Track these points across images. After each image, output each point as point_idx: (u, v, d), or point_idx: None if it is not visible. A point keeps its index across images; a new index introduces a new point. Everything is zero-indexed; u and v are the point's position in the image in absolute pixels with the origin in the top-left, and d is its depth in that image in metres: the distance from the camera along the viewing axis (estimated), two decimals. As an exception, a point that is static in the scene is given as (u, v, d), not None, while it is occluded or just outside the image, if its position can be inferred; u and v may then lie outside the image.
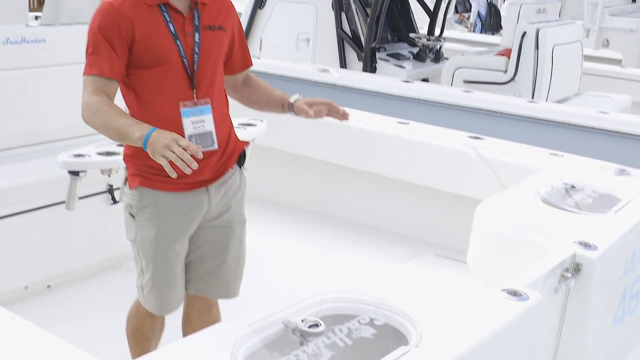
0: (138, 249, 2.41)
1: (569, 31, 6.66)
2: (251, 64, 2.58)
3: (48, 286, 3.40)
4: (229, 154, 2.43)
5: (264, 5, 7.21)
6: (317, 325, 1.58)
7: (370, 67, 6.56)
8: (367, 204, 4.31)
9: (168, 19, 2.27)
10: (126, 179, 2.39)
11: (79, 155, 3.09)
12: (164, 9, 2.27)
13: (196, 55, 2.30)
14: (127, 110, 2.32)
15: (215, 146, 2.30)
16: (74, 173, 3.08)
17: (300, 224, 4.25)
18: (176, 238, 2.36)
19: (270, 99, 2.57)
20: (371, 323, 1.66)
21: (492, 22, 11.39)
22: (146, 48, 2.23)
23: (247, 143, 2.58)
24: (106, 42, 2.20)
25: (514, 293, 1.85)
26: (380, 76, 6.29)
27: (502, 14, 11.58)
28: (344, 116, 2.52)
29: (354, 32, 6.77)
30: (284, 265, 3.72)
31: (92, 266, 3.54)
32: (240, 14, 7.21)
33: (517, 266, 2.25)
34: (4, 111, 3.52)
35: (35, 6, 11.10)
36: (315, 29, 6.94)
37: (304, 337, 1.56)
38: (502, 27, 10.84)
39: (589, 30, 10.09)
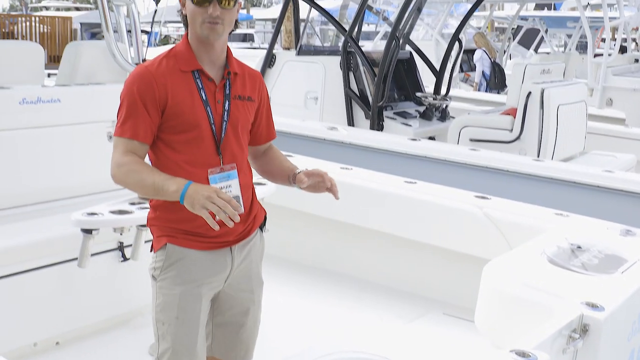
0: (159, 314, 2.37)
1: (574, 91, 6.76)
2: (274, 137, 2.65)
3: (57, 343, 3.40)
4: (253, 217, 2.48)
5: (274, 64, 7.36)
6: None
7: (377, 125, 6.66)
8: (374, 262, 4.32)
9: (200, 86, 2.33)
10: (152, 246, 2.41)
11: (92, 214, 3.13)
12: (197, 75, 2.34)
13: (224, 123, 2.35)
14: None
15: (241, 210, 2.32)
16: (87, 231, 3.12)
17: (307, 281, 4.26)
18: (200, 296, 2.36)
19: (281, 170, 2.63)
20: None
21: (496, 80, 11.55)
22: (178, 113, 2.29)
23: (265, 211, 2.63)
24: (142, 106, 2.26)
25: (522, 354, 1.86)
26: (388, 134, 6.36)
27: (505, 72, 11.75)
28: (330, 190, 2.56)
29: (362, 91, 6.88)
30: (290, 323, 3.71)
31: (101, 323, 3.54)
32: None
33: (525, 326, 2.27)
34: (20, 169, 3.58)
35: (46, 61, 11.32)
36: (323, 87, 7.07)
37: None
38: (506, 86, 10.99)
39: (593, 90, 10.19)
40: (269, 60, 7.42)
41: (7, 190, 3.55)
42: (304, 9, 7.88)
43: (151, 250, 2.41)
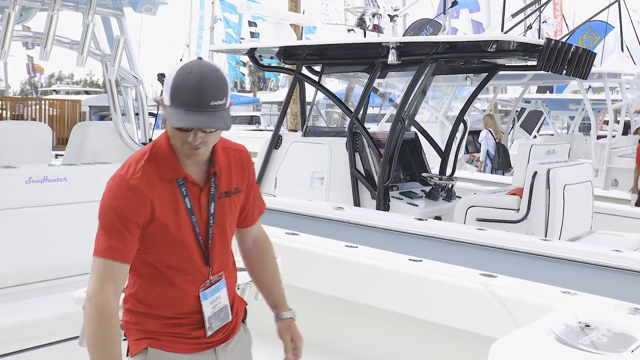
0: None
1: (579, 171, 6.80)
2: (264, 208, 2.52)
3: None
4: (235, 312, 2.40)
5: (280, 145, 7.45)
6: None
7: (383, 205, 6.67)
8: (379, 340, 4.25)
9: (185, 193, 2.17)
10: (128, 350, 2.25)
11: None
12: (181, 182, 2.17)
13: (210, 229, 2.22)
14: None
15: (230, 318, 2.30)
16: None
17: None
18: None
19: (268, 291, 2.56)
20: None
21: (500, 161, 11.64)
22: (164, 233, 2.14)
23: (246, 303, 2.56)
24: (124, 224, 2.08)
25: None
26: (394, 214, 6.37)
27: (510, 153, 11.85)
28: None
29: (368, 171, 6.93)
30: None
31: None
32: (256, 153, 7.46)
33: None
34: (24, 246, 3.60)
35: (54, 143, 11.50)
36: (329, 168, 7.12)
37: None
38: (510, 167, 11.07)
39: (598, 171, 10.27)
40: (275, 141, 7.50)
41: (11, 268, 3.56)
42: (310, 91, 8.03)
43: (127, 354, 2.23)
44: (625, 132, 12.64)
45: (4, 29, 3.54)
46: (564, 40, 7.32)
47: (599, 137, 11.52)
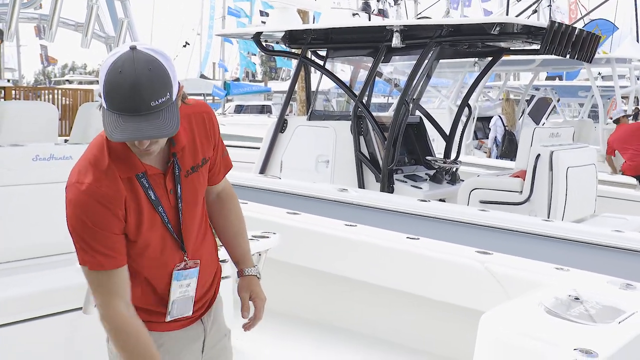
0: None
1: (583, 154, 6.81)
2: (231, 167, 2.36)
3: None
4: (217, 281, 2.39)
5: (285, 129, 7.51)
6: None
7: (388, 187, 6.73)
8: (376, 317, 4.33)
9: (147, 185, 2.03)
10: None
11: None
12: (140, 176, 2.02)
13: (180, 212, 2.11)
14: None
15: (190, 313, 2.21)
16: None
17: (309, 336, 4.27)
18: None
19: (231, 246, 2.45)
20: None
21: (504, 148, 11.59)
22: (132, 230, 2.03)
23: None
24: (101, 232, 1.96)
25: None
26: (398, 196, 6.43)
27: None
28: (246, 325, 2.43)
29: (372, 154, 6.99)
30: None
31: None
32: (261, 138, 7.54)
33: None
34: (32, 222, 3.68)
35: (67, 132, 11.64)
36: (334, 151, 7.19)
37: None
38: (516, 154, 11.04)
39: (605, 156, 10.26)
40: (281, 125, 7.57)
41: (19, 243, 3.65)
42: (315, 77, 8.10)
43: None
44: (635, 118, 12.61)
45: (10, 10, 3.62)
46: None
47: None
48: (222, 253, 3.36)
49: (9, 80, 33.68)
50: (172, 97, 1.86)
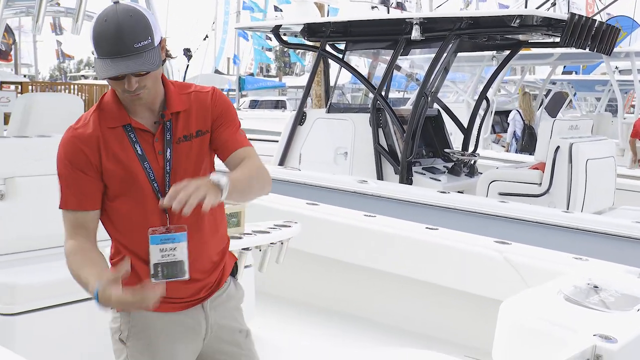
0: None
1: (602, 147, 6.81)
2: (246, 145, 2.27)
3: None
4: (222, 267, 2.34)
5: (304, 121, 7.56)
6: None
7: (406, 179, 6.76)
8: (395, 306, 4.36)
9: (134, 139, 2.13)
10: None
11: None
12: (129, 128, 2.14)
13: (167, 176, 2.15)
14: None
15: (186, 277, 2.11)
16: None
17: (330, 325, 4.31)
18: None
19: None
20: None
21: (524, 143, 11.53)
22: (111, 175, 2.12)
23: (236, 258, 2.48)
24: (80, 172, 2.10)
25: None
26: (418, 187, 6.46)
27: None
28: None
29: (391, 146, 7.02)
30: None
31: None
32: (277, 132, 7.59)
33: (540, 358, 2.31)
34: (58, 211, 3.75)
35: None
36: (353, 143, 7.23)
37: None
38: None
39: (624, 150, 10.23)
40: (300, 117, 7.62)
41: (44, 231, 3.73)
42: (334, 69, 8.14)
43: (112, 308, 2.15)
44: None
45: (38, 4, 3.69)
46: None
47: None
48: (243, 242, 3.44)
49: (25, 76, 34.03)
50: (154, 42, 2.04)
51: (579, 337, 2.29)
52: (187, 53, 13.91)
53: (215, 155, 2.29)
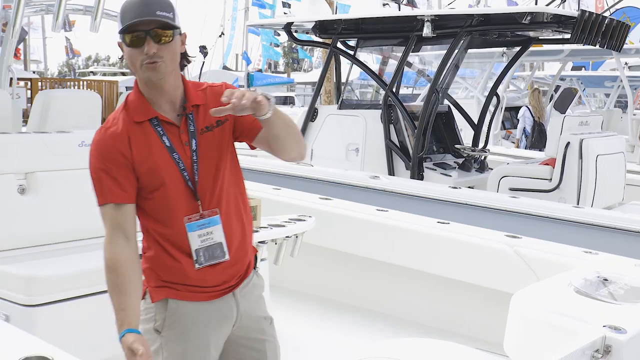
0: None
1: (612, 142, 6.84)
2: None
3: None
4: (250, 258, 2.43)
5: (316, 117, 7.61)
6: None
7: (418, 175, 6.81)
8: (407, 299, 4.41)
9: (162, 132, 2.22)
10: (146, 292, 2.30)
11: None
12: (155, 122, 2.23)
13: (195, 165, 2.23)
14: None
15: (227, 257, 2.26)
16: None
17: (343, 319, 4.36)
18: (209, 348, 2.30)
19: None
20: None
21: (533, 139, 11.53)
22: (143, 168, 2.19)
23: (256, 250, 2.54)
24: (113, 168, 2.17)
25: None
26: (429, 182, 6.51)
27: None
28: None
29: (402, 142, 7.06)
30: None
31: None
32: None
33: (551, 350, 2.37)
34: (78, 205, 3.82)
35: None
36: (364, 139, 7.27)
37: None
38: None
39: (634, 146, 10.22)
40: (312, 113, 7.68)
41: (66, 225, 3.81)
42: (345, 67, 8.18)
43: (144, 297, 2.29)
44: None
45: (57, 2, 3.76)
46: None
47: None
48: (260, 235, 3.51)
49: (34, 72, 34.12)
50: (175, 22, 2.16)
51: (589, 328, 2.34)
52: (203, 50, 14.02)
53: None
